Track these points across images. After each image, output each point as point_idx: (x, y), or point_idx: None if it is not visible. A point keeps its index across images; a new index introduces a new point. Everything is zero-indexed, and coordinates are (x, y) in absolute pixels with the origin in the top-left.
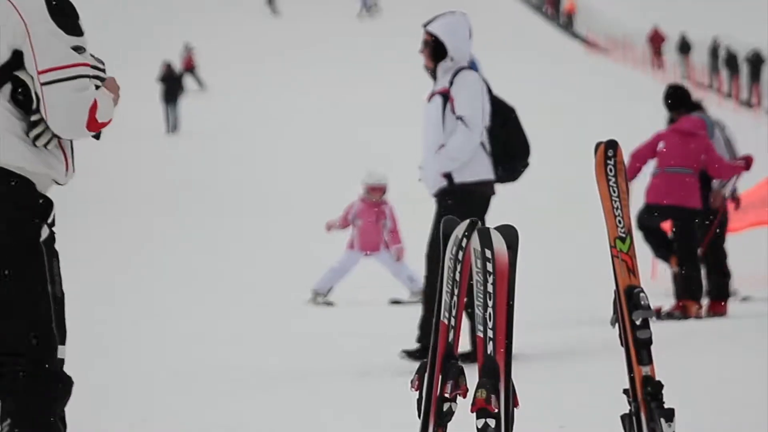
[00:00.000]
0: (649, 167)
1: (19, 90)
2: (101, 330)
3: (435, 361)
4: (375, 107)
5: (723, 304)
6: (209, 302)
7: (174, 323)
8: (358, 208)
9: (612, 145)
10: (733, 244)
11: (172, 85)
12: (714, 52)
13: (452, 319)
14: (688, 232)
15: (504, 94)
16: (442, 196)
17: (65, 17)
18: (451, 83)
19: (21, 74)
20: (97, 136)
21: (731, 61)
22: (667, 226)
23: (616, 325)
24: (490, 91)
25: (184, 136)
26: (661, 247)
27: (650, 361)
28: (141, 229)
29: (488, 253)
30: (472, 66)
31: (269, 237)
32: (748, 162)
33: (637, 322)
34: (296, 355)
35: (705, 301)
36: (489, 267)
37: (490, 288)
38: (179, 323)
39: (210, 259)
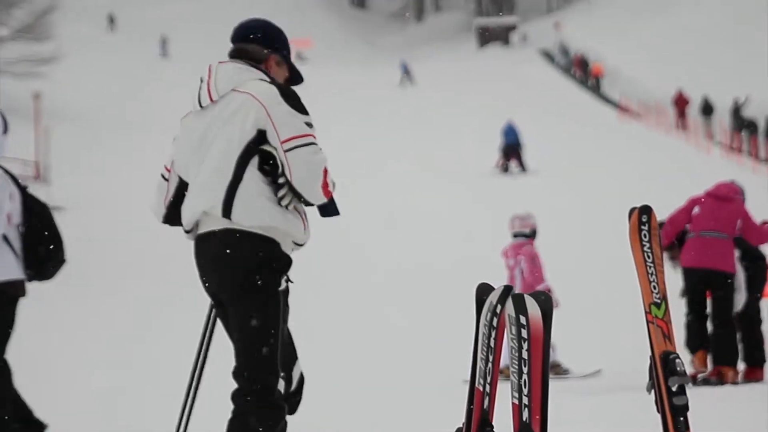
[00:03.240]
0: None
1: (266, 160)
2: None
3: (470, 427)
4: (413, 174)
5: (760, 369)
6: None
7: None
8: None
9: (646, 210)
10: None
11: None
12: (736, 112)
13: (487, 386)
14: (725, 297)
15: (538, 155)
16: None
17: (294, 101)
18: None
19: (266, 147)
20: (326, 211)
21: (749, 122)
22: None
23: (652, 391)
24: (23, 187)
25: None
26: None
27: (687, 428)
28: (175, 293)
29: (523, 320)
30: None
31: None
32: None
33: (674, 389)
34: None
35: (741, 367)
36: (524, 333)
37: (525, 354)
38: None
39: None
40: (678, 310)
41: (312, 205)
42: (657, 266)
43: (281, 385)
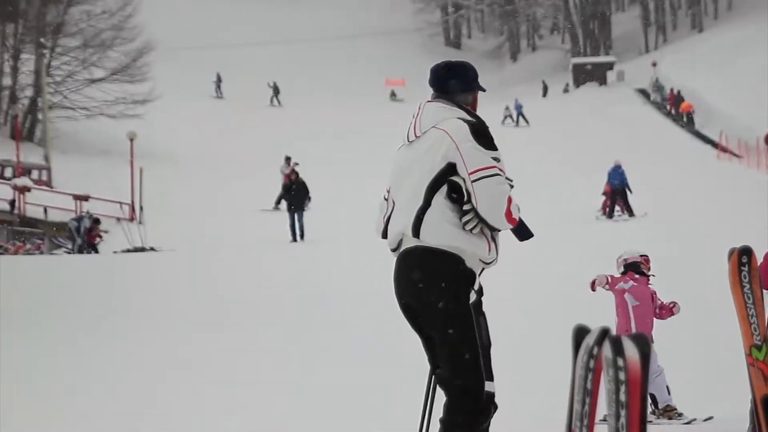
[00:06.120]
0: None
1: (454, 189)
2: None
3: None
4: None
5: None
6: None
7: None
8: (634, 287)
9: (746, 251)
10: None
11: (296, 193)
12: None
13: (584, 429)
14: None
15: (641, 198)
16: None
17: (483, 138)
18: None
19: (454, 178)
20: (521, 235)
21: None
22: None
23: None
24: None
25: (308, 245)
26: None
27: None
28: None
29: (620, 362)
30: None
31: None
32: None
33: None
34: None
35: None
36: (621, 376)
37: (622, 397)
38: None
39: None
40: None
41: (498, 230)
42: (758, 308)
43: (492, 387)
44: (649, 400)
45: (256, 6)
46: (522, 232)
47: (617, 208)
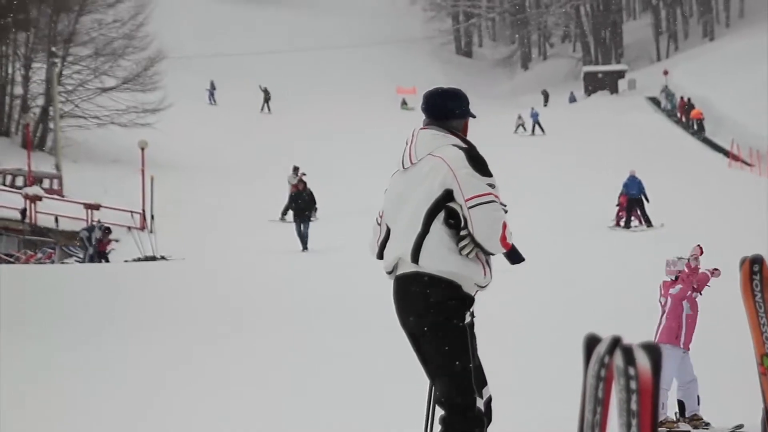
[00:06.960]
0: None
1: (451, 215)
2: None
3: None
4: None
5: None
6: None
7: None
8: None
9: (757, 260)
10: None
11: (303, 203)
12: None
13: None
14: None
15: (657, 207)
16: None
17: (478, 165)
18: None
19: (451, 205)
20: (513, 259)
21: None
22: None
23: None
24: None
25: (317, 253)
26: None
27: None
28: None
29: (631, 371)
30: None
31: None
32: None
33: None
34: None
35: None
36: (632, 385)
37: (633, 406)
38: None
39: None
40: None
41: (492, 254)
42: None
43: (480, 403)
44: (677, 408)
45: (266, 14)
46: (513, 255)
47: (633, 218)
